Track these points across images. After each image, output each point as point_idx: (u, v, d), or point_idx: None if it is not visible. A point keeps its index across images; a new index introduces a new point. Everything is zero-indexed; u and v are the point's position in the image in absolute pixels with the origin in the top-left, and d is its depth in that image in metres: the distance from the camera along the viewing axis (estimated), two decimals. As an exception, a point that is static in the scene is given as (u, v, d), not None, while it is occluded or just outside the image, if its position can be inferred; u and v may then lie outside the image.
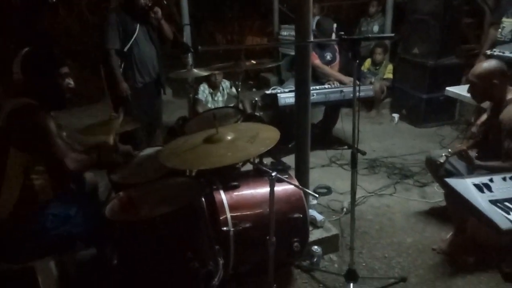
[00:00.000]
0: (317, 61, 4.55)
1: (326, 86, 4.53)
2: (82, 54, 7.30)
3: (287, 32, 6.49)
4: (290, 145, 3.21)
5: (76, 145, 2.45)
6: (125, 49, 3.71)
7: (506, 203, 1.91)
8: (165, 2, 4.65)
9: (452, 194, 2.20)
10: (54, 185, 2.24)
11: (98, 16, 7.60)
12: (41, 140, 2.14)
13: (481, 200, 1.91)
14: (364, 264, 2.84)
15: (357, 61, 2.10)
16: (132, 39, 3.70)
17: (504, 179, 2.06)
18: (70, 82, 2.33)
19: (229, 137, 2.15)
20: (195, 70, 3.46)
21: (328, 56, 4.72)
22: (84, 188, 2.59)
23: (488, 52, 3.97)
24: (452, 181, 2.09)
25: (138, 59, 3.78)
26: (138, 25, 3.72)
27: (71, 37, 7.72)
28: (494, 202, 1.91)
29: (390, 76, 5.74)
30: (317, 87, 4.42)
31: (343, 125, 4.54)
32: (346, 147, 4.55)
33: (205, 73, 3.60)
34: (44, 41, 6.66)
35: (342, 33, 2.11)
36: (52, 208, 2.19)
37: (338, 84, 4.57)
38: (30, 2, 6.95)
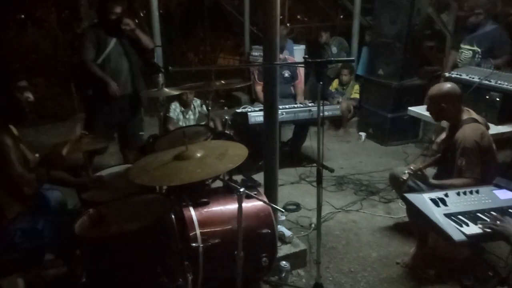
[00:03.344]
0: (259, 87, 4.60)
1: (295, 105, 4.65)
2: (52, 71, 7.24)
3: (258, 53, 6.59)
4: (260, 163, 3.28)
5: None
6: (98, 62, 3.77)
7: (460, 216, 2.04)
8: (136, 21, 4.70)
9: (411, 209, 2.32)
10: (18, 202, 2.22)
11: (69, 34, 7.59)
12: None
13: (436, 214, 2.03)
14: (331, 278, 2.91)
15: (321, 82, 2.20)
16: (105, 53, 3.76)
17: (458, 193, 2.20)
18: (29, 96, 2.33)
19: (198, 154, 2.20)
20: (166, 90, 3.50)
21: (286, 74, 4.81)
22: (49, 202, 2.56)
23: (447, 74, 4.12)
24: (411, 196, 2.22)
25: (109, 72, 3.81)
26: (113, 40, 3.79)
27: (40, 54, 7.65)
28: (448, 215, 2.04)
29: (357, 96, 5.95)
30: (287, 106, 4.54)
31: (311, 143, 4.66)
32: (315, 164, 4.62)
33: (175, 93, 3.65)
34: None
35: (306, 56, 2.22)
36: (20, 223, 2.17)
37: (307, 103, 4.70)
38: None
